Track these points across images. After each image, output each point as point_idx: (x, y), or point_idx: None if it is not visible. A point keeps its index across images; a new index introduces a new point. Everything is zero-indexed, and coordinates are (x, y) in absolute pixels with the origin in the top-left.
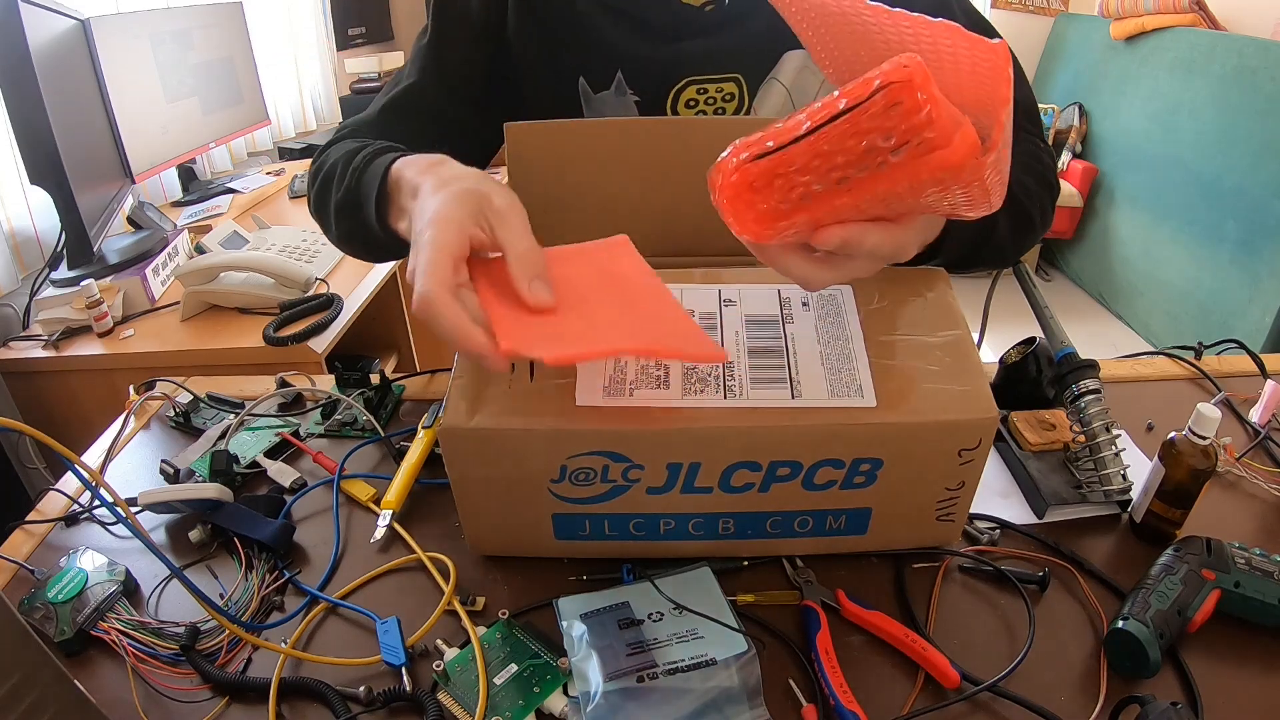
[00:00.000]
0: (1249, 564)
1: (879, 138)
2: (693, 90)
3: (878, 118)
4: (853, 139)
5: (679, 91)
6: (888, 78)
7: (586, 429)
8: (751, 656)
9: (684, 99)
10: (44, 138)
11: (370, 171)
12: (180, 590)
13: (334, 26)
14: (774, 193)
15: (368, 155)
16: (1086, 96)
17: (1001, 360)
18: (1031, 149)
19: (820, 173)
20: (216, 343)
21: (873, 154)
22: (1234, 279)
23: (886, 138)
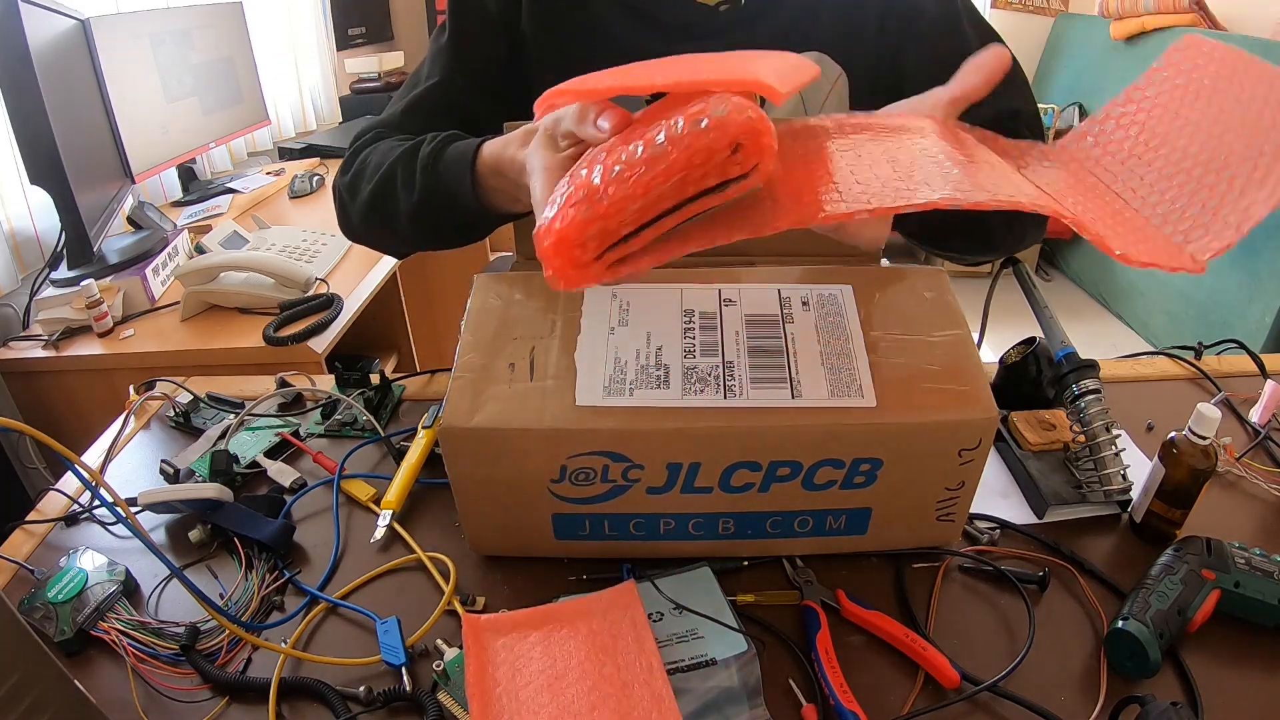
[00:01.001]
0: (1249, 564)
1: (709, 177)
2: None
3: (717, 165)
4: (681, 183)
5: None
6: (737, 129)
7: (586, 429)
8: (751, 656)
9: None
10: (44, 138)
11: (452, 162)
12: (180, 590)
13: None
14: (595, 240)
15: (435, 149)
16: (1086, 96)
17: (1001, 360)
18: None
19: (640, 214)
20: (216, 343)
21: (689, 187)
22: (1234, 279)
23: (714, 176)
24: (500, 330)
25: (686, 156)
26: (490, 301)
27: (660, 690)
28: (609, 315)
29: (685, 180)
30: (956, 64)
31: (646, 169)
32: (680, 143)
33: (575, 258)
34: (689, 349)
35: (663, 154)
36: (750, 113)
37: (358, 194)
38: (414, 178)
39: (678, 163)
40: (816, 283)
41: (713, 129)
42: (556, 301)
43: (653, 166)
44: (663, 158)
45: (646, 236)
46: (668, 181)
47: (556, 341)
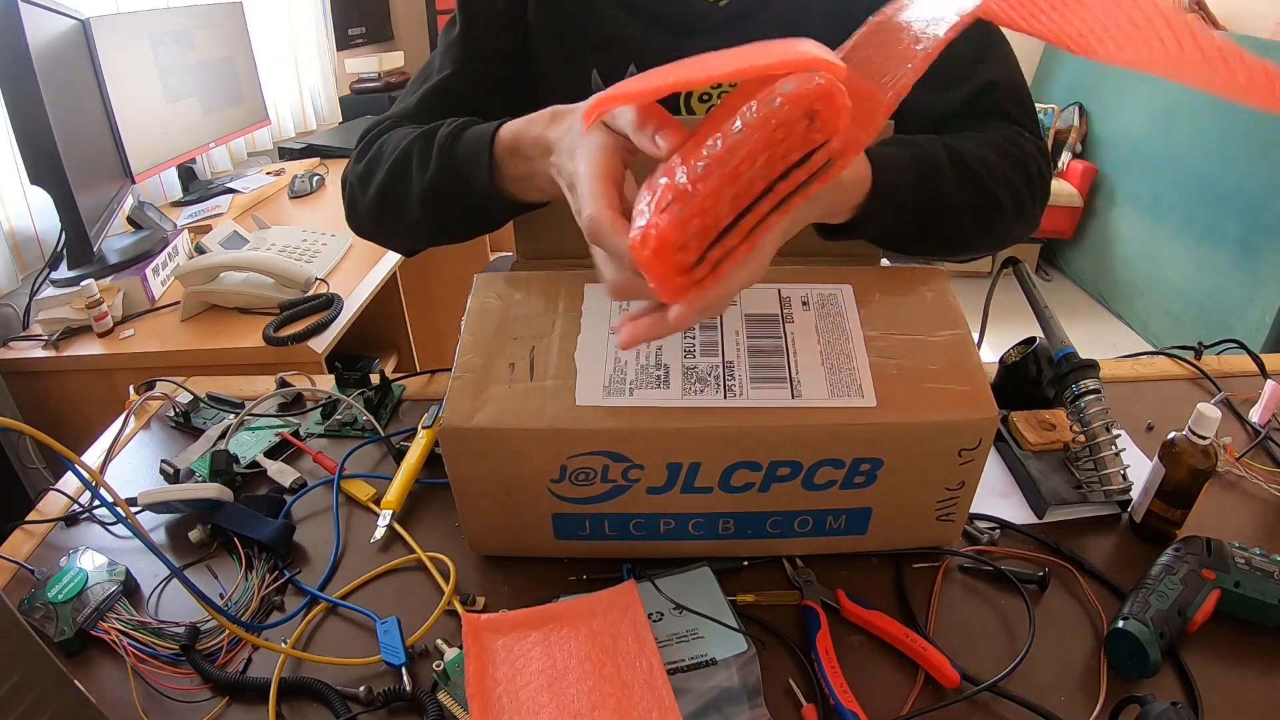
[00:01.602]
0: (1249, 564)
1: (793, 152)
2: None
3: (799, 137)
4: (768, 163)
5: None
6: (811, 97)
7: (586, 429)
8: (751, 656)
9: (697, 94)
10: (44, 138)
11: (470, 143)
12: (180, 590)
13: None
14: (697, 239)
15: (452, 132)
16: (1086, 96)
17: (1001, 360)
18: (1010, 135)
19: (735, 203)
20: (216, 343)
21: (776, 164)
22: (1234, 279)
23: (797, 149)
24: (500, 330)
25: (767, 135)
26: (490, 301)
27: (660, 690)
28: (609, 315)
29: (771, 159)
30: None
31: (730, 156)
32: (758, 125)
33: (679, 262)
34: (689, 349)
35: (743, 140)
36: (819, 79)
37: (370, 180)
38: (430, 157)
39: (760, 143)
40: (816, 282)
41: (787, 102)
42: (557, 301)
43: (735, 153)
44: (745, 143)
45: (746, 225)
46: (754, 164)
47: (556, 341)
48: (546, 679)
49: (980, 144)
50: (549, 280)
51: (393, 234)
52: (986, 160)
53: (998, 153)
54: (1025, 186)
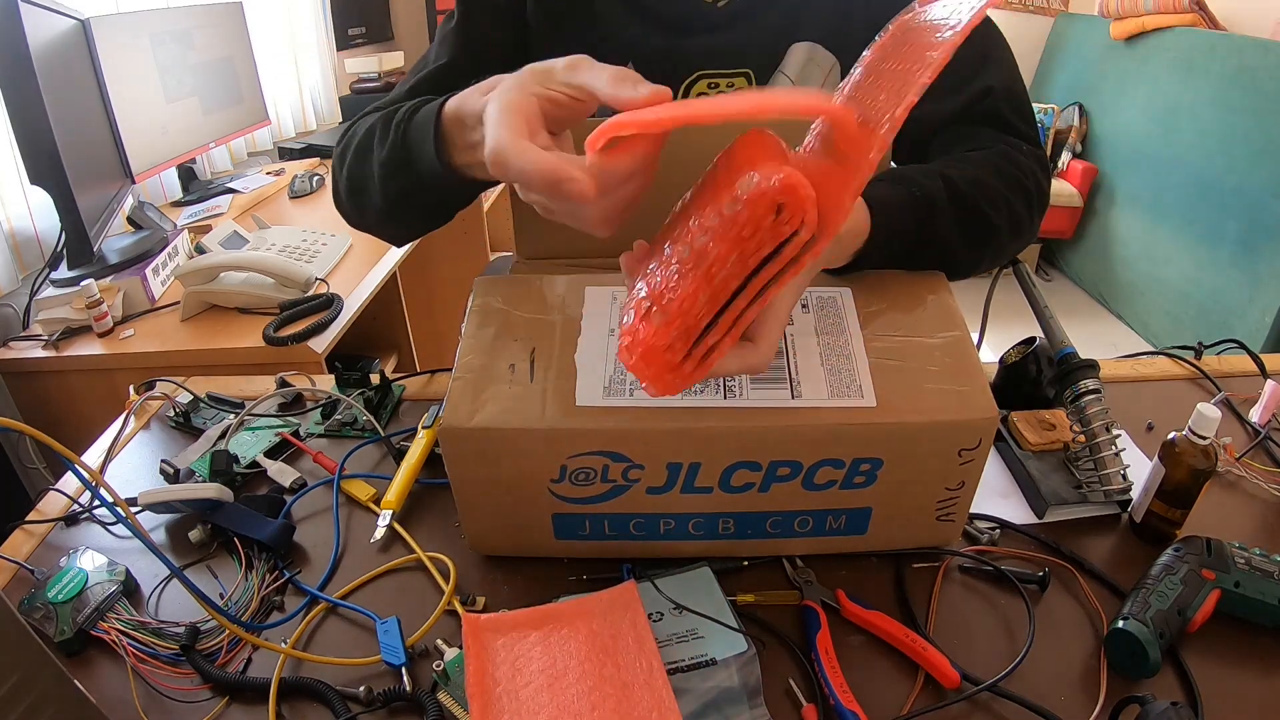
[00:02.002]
0: (1249, 564)
1: (765, 246)
2: (703, 84)
3: (769, 232)
4: (740, 261)
5: (690, 85)
6: (773, 193)
7: (586, 429)
8: (751, 656)
9: (694, 93)
10: (44, 138)
11: (422, 115)
12: (180, 590)
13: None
14: (680, 340)
15: (411, 107)
16: (1086, 96)
17: (1001, 360)
18: (1007, 151)
19: (711, 303)
20: (216, 343)
21: (749, 260)
22: (1234, 279)
23: (769, 243)
24: (501, 331)
25: (734, 235)
26: (491, 303)
27: (660, 690)
28: (609, 316)
29: (743, 257)
30: None
31: (701, 260)
32: (725, 226)
33: (666, 362)
34: None
35: (712, 242)
36: (778, 175)
37: (344, 161)
38: (388, 133)
39: (729, 245)
40: (816, 285)
41: (749, 202)
42: (557, 304)
43: (705, 256)
44: (714, 246)
45: (726, 320)
46: (725, 265)
47: (557, 343)
48: (546, 679)
49: (978, 166)
50: (549, 281)
51: (366, 216)
52: (985, 185)
53: (995, 174)
54: (1024, 206)
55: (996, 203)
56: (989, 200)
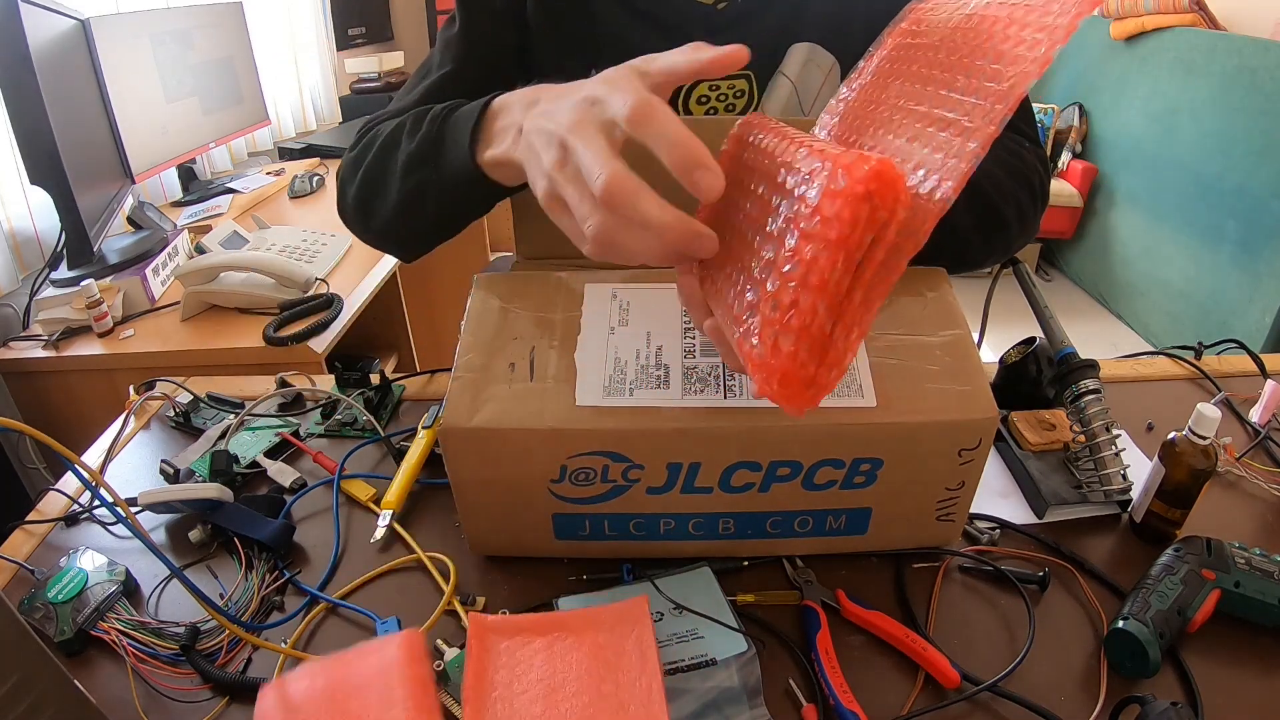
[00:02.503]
0: (1249, 564)
1: (865, 241)
2: (704, 87)
3: (865, 224)
4: (848, 262)
5: (691, 88)
6: (870, 183)
7: (586, 429)
8: (751, 656)
9: (695, 95)
10: (44, 138)
11: (467, 109)
12: (180, 590)
13: (334, 26)
14: (812, 351)
15: (452, 105)
16: (1086, 96)
17: (1001, 360)
18: (1012, 147)
19: (830, 308)
20: (216, 343)
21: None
22: (1234, 279)
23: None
24: (500, 330)
25: (839, 235)
26: (490, 302)
27: (657, 715)
28: (609, 315)
29: (849, 255)
30: None
31: (809, 270)
32: (824, 230)
33: (804, 378)
34: (689, 349)
35: (809, 250)
36: (865, 165)
37: (360, 164)
38: (419, 127)
39: (834, 248)
40: None
41: (847, 200)
42: (557, 302)
43: (814, 265)
44: (816, 250)
45: (848, 317)
46: (835, 268)
47: (557, 342)
48: (544, 689)
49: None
50: (549, 280)
51: (374, 219)
52: (996, 178)
53: (1004, 168)
54: (1029, 201)
55: (1006, 196)
56: (1000, 193)
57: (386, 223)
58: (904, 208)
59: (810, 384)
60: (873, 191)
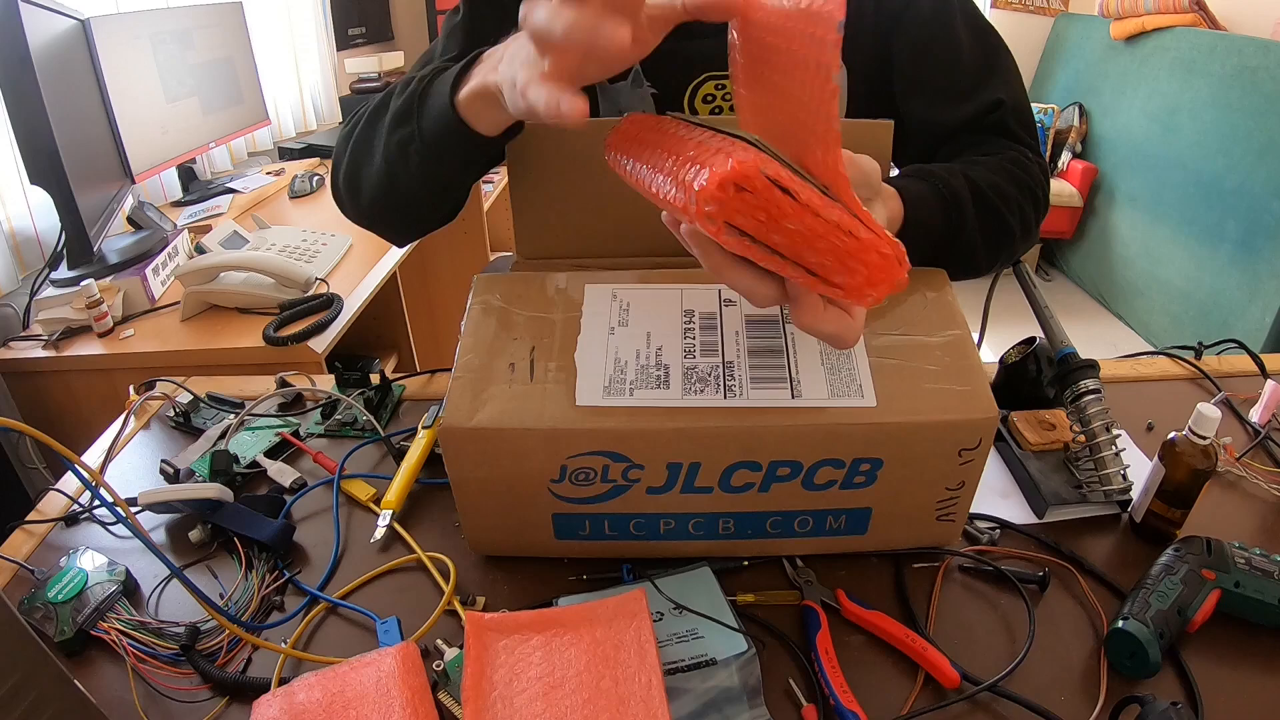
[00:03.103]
0: (1249, 564)
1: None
2: (711, 85)
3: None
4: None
5: (697, 86)
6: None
7: (586, 429)
8: (751, 656)
9: (702, 94)
10: (44, 138)
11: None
12: (180, 590)
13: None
14: (752, 212)
15: (440, 66)
16: (1086, 96)
17: (1001, 360)
18: (1017, 157)
19: (788, 236)
20: (216, 343)
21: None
22: (1234, 279)
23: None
24: (500, 330)
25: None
26: (490, 301)
27: (657, 709)
28: (609, 315)
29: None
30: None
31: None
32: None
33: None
34: (689, 349)
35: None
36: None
37: (351, 135)
38: (408, 86)
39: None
40: None
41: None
42: (556, 302)
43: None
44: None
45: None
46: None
47: (557, 342)
48: (543, 687)
49: (993, 170)
50: (549, 280)
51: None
52: (1001, 189)
53: (1009, 179)
54: (1033, 210)
55: (1011, 205)
56: (1005, 204)
57: (374, 190)
58: (877, 301)
59: (736, 208)
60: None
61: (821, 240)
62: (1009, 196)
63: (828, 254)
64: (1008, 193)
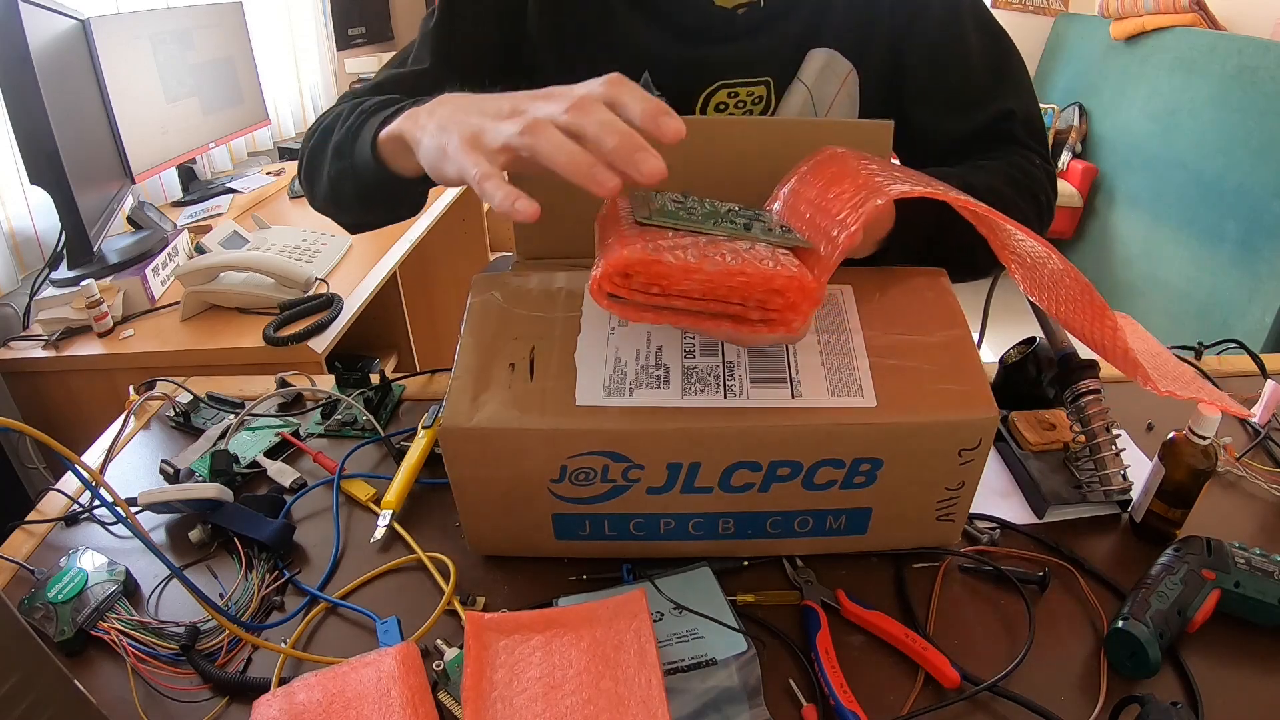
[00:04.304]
0: (1249, 564)
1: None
2: (723, 94)
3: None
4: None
5: (710, 94)
6: (786, 285)
7: (586, 429)
8: (751, 656)
9: (714, 102)
10: (44, 138)
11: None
12: (180, 590)
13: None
14: (645, 286)
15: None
16: (1086, 96)
17: (1001, 360)
18: (1021, 163)
19: (688, 293)
20: (216, 343)
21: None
22: (1234, 279)
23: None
24: (500, 330)
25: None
26: (490, 301)
27: (656, 709)
28: (609, 315)
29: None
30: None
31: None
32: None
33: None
34: (689, 349)
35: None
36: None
37: (309, 141)
38: (349, 117)
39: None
40: None
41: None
42: (556, 302)
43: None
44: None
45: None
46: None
47: (557, 342)
48: (543, 687)
49: (993, 174)
50: (549, 280)
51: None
52: (1000, 193)
53: (1009, 183)
54: (1035, 216)
55: (1010, 209)
56: (1004, 206)
57: (326, 203)
58: (795, 331)
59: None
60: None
61: (721, 286)
62: (1006, 199)
63: (734, 295)
64: (1005, 194)
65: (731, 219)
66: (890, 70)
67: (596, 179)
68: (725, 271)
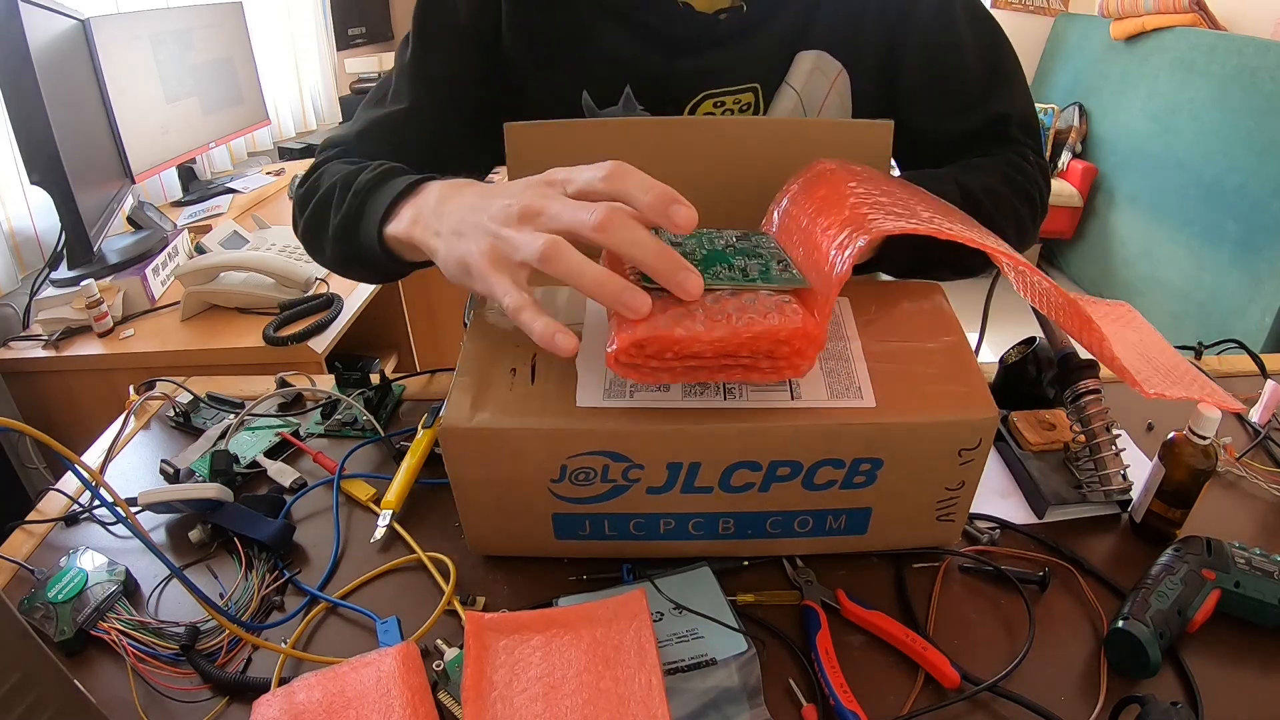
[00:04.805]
0: (1249, 564)
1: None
2: (709, 104)
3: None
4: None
5: (695, 105)
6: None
7: (586, 429)
8: (751, 656)
9: (700, 112)
10: (44, 138)
11: (382, 193)
12: (180, 590)
13: (334, 26)
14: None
15: (374, 180)
16: (1086, 96)
17: (1001, 360)
18: (1015, 160)
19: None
20: (216, 343)
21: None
22: (1234, 279)
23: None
24: (503, 338)
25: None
26: (494, 312)
27: (656, 709)
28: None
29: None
30: (947, 59)
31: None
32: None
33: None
34: None
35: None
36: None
37: (305, 207)
38: (344, 199)
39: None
40: None
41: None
42: (559, 307)
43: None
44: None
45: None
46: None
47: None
48: (543, 687)
49: (988, 173)
50: (552, 293)
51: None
52: (996, 193)
53: (1005, 182)
54: (1029, 214)
55: (1005, 210)
56: (999, 209)
57: (332, 269)
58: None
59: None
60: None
61: (729, 343)
62: (1002, 199)
63: (744, 350)
64: (1000, 195)
65: (730, 257)
66: (884, 69)
67: (628, 305)
68: (733, 332)
